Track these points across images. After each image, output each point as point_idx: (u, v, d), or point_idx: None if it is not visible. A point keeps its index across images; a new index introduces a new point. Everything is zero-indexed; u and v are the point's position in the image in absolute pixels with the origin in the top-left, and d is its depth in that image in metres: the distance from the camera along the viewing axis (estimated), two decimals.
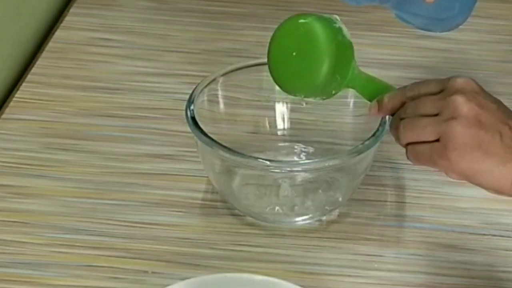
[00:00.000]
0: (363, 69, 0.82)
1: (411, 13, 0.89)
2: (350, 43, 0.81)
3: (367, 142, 0.83)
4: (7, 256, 0.86)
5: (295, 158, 0.95)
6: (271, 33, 0.82)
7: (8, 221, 0.90)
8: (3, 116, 1.04)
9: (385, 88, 0.81)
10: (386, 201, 0.94)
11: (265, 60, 0.93)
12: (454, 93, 0.72)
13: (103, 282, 0.83)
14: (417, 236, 0.89)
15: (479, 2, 0.89)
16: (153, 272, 0.84)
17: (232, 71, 0.93)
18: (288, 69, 0.81)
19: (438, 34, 1.19)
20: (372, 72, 1.10)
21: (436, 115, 0.72)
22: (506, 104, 0.75)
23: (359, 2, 0.89)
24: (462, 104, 0.71)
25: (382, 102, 0.78)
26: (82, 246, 0.87)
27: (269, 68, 0.82)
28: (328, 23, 0.80)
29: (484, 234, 0.90)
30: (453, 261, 0.87)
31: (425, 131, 0.72)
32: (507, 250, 0.88)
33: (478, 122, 0.70)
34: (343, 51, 0.80)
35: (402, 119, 0.75)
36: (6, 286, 0.82)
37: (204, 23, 1.22)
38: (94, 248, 0.87)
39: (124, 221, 0.90)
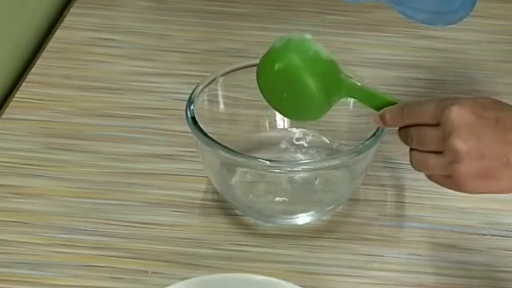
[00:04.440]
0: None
1: (411, 7, 0.89)
2: (331, 61, 0.79)
3: (367, 142, 0.83)
4: (7, 256, 0.86)
5: (295, 158, 0.95)
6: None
7: (8, 221, 0.89)
8: (3, 116, 1.04)
9: (378, 95, 0.80)
10: (386, 201, 0.94)
11: None
12: (449, 135, 0.72)
13: (103, 282, 0.83)
14: (417, 236, 0.89)
15: (479, 2, 0.89)
16: (153, 272, 0.84)
17: (232, 71, 0.93)
18: (282, 105, 0.82)
19: (438, 33, 1.19)
20: (372, 72, 1.11)
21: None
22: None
23: (356, 0, 0.87)
24: (460, 148, 0.72)
25: (384, 119, 0.78)
26: (82, 246, 0.87)
27: (265, 98, 0.83)
28: (304, 53, 0.78)
29: (484, 234, 0.90)
30: (453, 261, 0.87)
31: (435, 171, 0.76)
32: (507, 250, 0.88)
33: (482, 156, 0.71)
34: (329, 74, 0.79)
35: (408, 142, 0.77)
36: (6, 286, 0.82)
37: (204, 23, 1.22)
38: (94, 248, 0.87)
39: (124, 221, 0.90)
